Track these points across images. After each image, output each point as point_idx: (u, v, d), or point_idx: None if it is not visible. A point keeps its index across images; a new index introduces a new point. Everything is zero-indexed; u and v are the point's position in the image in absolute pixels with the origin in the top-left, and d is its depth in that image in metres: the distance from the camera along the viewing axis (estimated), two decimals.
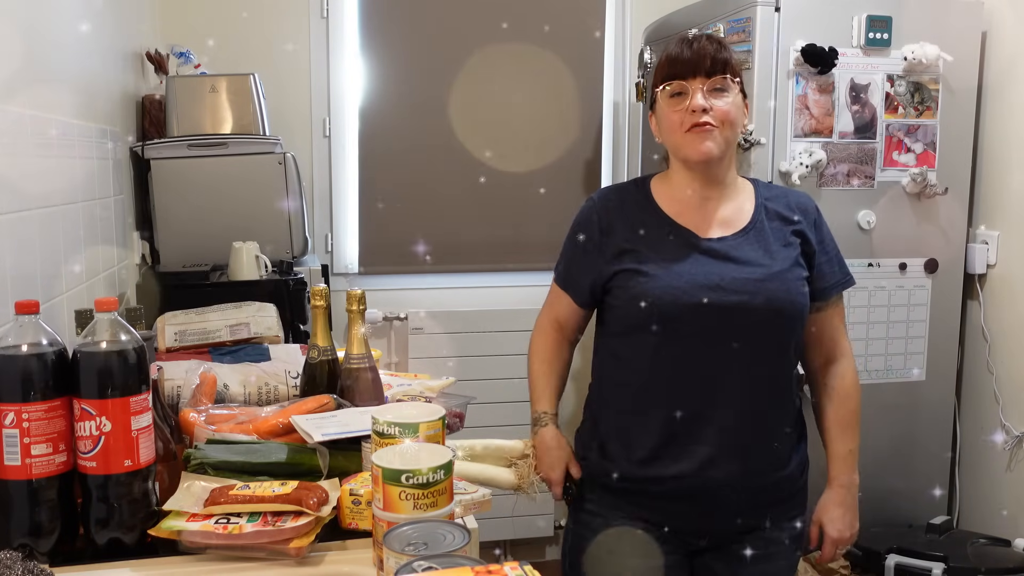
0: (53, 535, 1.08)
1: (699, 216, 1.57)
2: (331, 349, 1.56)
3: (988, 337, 2.79)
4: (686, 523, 1.57)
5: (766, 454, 1.56)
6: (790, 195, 1.63)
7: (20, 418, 1.05)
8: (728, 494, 1.54)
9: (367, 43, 3.24)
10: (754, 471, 1.55)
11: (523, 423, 3.26)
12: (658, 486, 1.55)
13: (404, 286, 3.34)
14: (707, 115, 1.49)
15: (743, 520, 1.58)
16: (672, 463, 1.53)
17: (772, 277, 1.52)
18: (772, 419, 1.58)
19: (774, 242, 1.55)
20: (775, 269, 1.53)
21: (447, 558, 0.85)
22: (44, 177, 1.60)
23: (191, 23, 3.04)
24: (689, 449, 1.53)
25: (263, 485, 1.15)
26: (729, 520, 1.57)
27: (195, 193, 2.39)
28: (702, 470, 1.52)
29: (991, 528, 2.73)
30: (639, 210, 1.60)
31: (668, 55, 1.54)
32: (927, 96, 2.67)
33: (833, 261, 1.63)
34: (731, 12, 2.65)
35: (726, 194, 1.58)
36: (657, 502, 1.56)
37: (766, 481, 1.57)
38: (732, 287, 1.50)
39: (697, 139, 1.50)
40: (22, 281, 1.44)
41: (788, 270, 1.54)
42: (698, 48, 1.51)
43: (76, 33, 1.90)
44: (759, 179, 1.66)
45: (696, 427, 1.52)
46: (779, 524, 1.61)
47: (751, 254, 1.54)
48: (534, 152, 3.38)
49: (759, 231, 1.56)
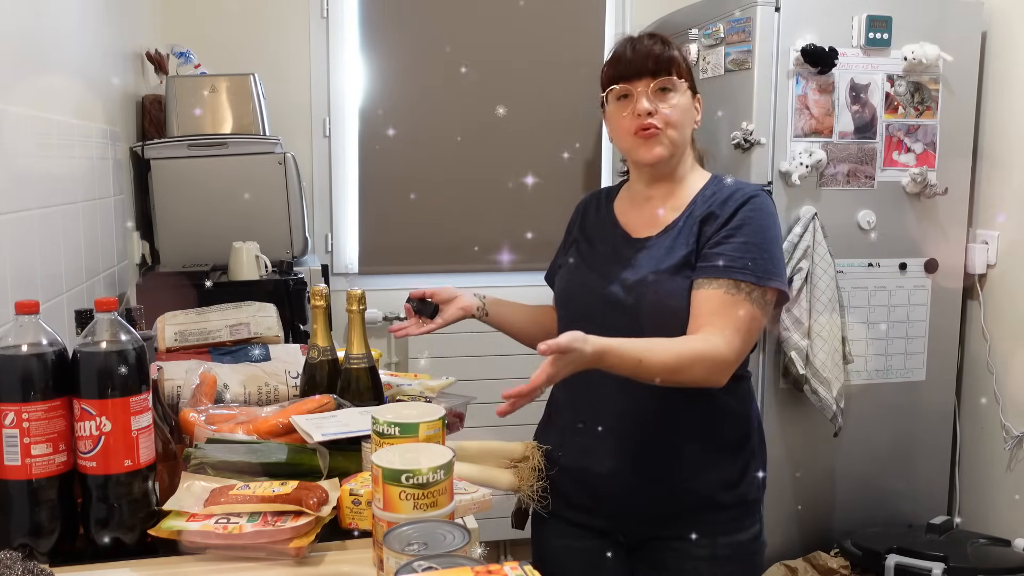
0: (53, 535, 1.08)
1: (638, 215, 1.59)
2: (331, 349, 1.56)
3: (988, 337, 2.79)
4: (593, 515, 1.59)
5: (659, 461, 1.50)
6: (735, 188, 1.51)
7: (20, 418, 1.05)
8: (624, 494, 1.53)
9: (367, 43, 3.24)
10: (648, 476, 1.51)
11: (523, 423, 3.26)
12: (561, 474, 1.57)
13: (404, 286, 3.33)
14: (652, 118, 1.47)
15: (650, 526, 1.54)
16: (568, 453, 1.57)
17: (652, 280, 1.47)
18: (665, 424, 1.50)
19: (679, 240, 1.49)
20: (657, 270, 1.47)
21: (447, 558, 0.84)
22: (44, 177, 1.60)
23: (191, 23, 3.04)
24: (577, 442, 1.56)
25: (263, 485, 1.15)
26: (635, 522, 1.56)
27: (195, 193, 2.38)
28: (589, 465, 1.55)
29: (991, 528, 2.73)
30: (597, 212, 1.66)
31: (613, 56, 1.52)
32: (927, 96, 2.68)
33: (729, 248, 1.44)
34: (731, 12, 2.65)
35: (671, 192, 1.55)
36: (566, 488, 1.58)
37: (669, 489, 1.51)
38: (617, 287, 1.51)
39: (646, 145, 1.49)
40: (22, 281, 1.44)
41: (671, 273, 1.47)
42: (641, 49, 1.48)
43: (76, 33, 1.90)
44: (723, 176, 1.58)
45: (589, 424, 1.55)
46: (709, 539, 1.52)
47: (652, 255, 1.51)
48: (534, 152, 3.38)
49: (674, 232, 1.51)
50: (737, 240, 1.44)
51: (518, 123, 3.36)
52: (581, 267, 1.62)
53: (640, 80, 1.48)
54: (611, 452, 1.53)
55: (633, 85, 1.48)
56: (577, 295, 1.60)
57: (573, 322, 1.51)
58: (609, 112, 1.54)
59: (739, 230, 1.45)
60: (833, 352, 2.57)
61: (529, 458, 1.61)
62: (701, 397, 1.48)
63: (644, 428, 1.51)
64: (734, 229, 1.45)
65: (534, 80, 3.35)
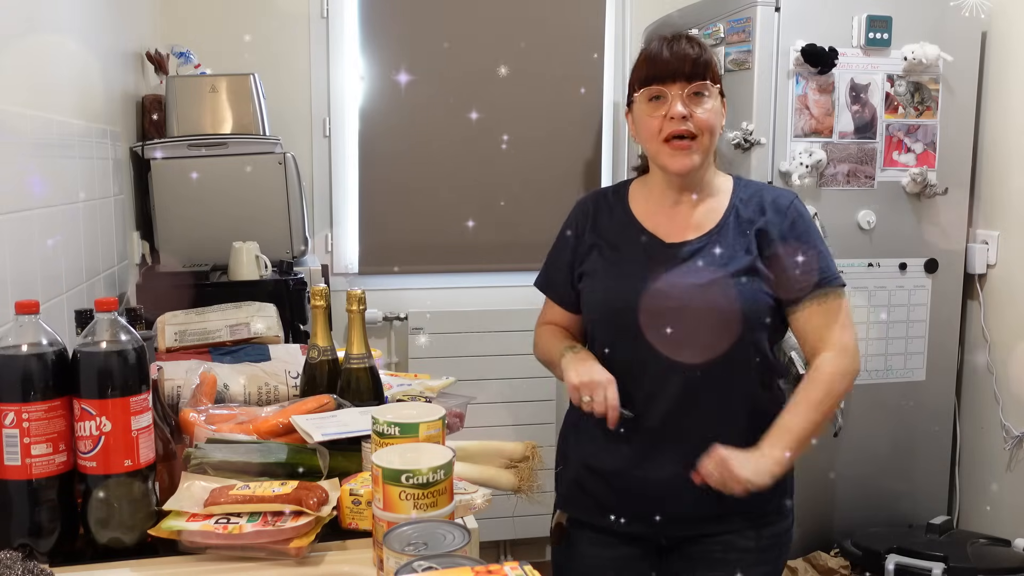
0: (53, 535, 1.08)
1: (669, 220, 1.55)
2: (331, 349, 1.56)
3: (988, 337, 2.79)
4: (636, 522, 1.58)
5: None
6: (767, 193, 1.56)
7: (20, 418, 1.05)
8: (678, 497, 1.53)
9: (367, 43, 3.24)
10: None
11: (523, 423, 3.24)
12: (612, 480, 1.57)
13: (404, 286, 3.34)
14: (687, 123, 1.45)
15: (699, 525, 1.56)
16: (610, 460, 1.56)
17: (716, 282, 1.48)
18: (721, 424, 1.51)
19: (736, 245, 1.51)
20: (721, 274, 1.49)
21: (447, 558, 0.85)
22: (44, 177, 1.60)
23: (191, 23, 3.04)
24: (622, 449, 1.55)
25: (263, 485, 1.15)
26: (684, 523, 1.56)
27: (195, 193, 2.38)
28: (641, 471, 1.53)
29: (991, 528, 2.73)
30: (611, 214, 1.60)
31: (648, 55, 1.49)
32: (927, 96, 2.68)
33: (810, 262, 1.51)
34: (731, 12, 2.65)
35: (702, 197, 1.55)
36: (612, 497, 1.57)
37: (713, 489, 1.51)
38: (673, 292, 1.48)
39: (677, 155, 1.47)
40: (22, 281, 1.44)
41: (737, 274, 1.49)
42: (679, 51, 1.45)
43: (76, 33, 1.90)
44: (742, 177, 1.61)
45: (639, 431, 1.53)
46: (755, 531, 1.56)
47: (707, 258, 1.51)
48: (534, 152, 3.38)
49: (723, 235, 1.52)
50: (811, 251, 1.52)
51: (518, 123, 3.36)
52: (613, 274, 1.55)
53: (675, 83, 1.45)
54: (667, 457, 1.52)
55: (668, 87, 1.45)
56: (618, 304, 1.52)
57: (615, 332, 1.52)
58: (638, 112, 1.51)
59: (806, 240, 1.52)
60: None
61: (529, 458, 1.61)
62: (750, 396, 1.53)
63: (701, 430, 1.50)
64: (800, 241, 1.52)
65: (534, 80, 3.35)
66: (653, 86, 1.47)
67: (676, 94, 1.45)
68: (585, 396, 1.48)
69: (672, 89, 1.46)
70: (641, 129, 1.52)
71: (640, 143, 1.55)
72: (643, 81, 1.49)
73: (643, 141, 1.53)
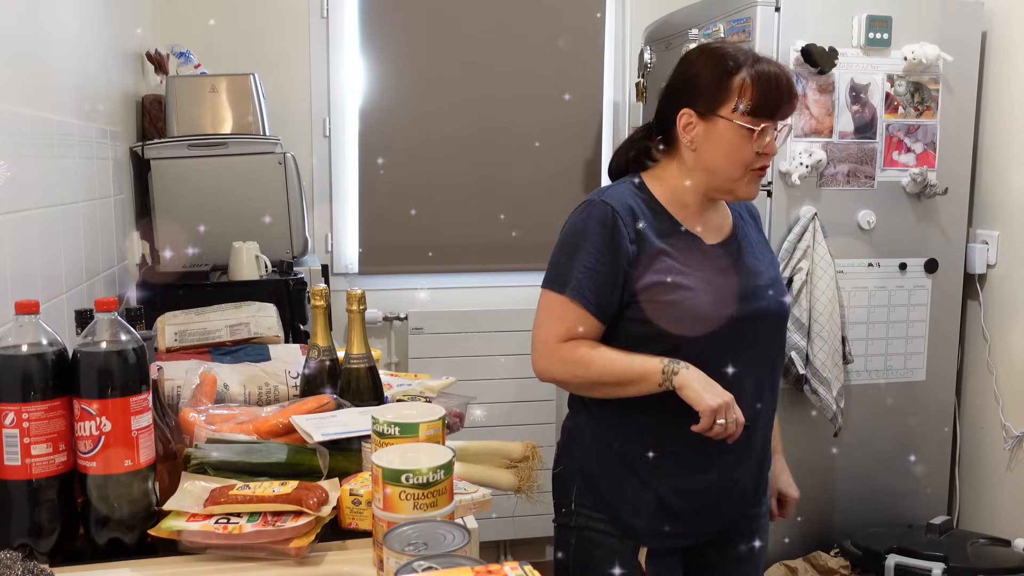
0: (53, 535, 1.08)
1: (699, 222, 1.56)
2: (331, 349, 1.56)
3: (988, 337, 2.79)
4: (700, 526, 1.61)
5: (751, 470, 1.60)
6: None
7: (20, 418, 1.05)
8: (740, 493, 1.60)
9: (367, 43, 3.24)
10: (763, 465, 1.63)
11: (523, 423, 3.24)
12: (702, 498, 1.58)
13: (404, 286, 3.34)
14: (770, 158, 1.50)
15: (742, 512, 1.64)
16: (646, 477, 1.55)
17: (774, 281, 1.57)
18: (771, 416, 1.63)
19: (756, 246, 1.60)
20: (773, 274, 1.59)
21: (447, 558, 0.85)
22: (44, 177, 1.60)
23: (191, 23, 3.04)
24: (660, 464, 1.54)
25: (263, 485, 1.15)
26: (733, 515, 1.63)
27: (195, 193, 2.38)
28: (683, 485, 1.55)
29: (991, 528, 2.73)
30: (655, 217, 1.52)
31: (769, 89, 1.45)
32: (927, 96, 2.68)
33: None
34: (731, 12, 2.65)
35: (715, 202, 1.60)
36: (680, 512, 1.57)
37: (755, 494, 1.64)
38: (755, 295, 1.52)
39: (755, 185, 1.51)
40: (22, 281, 1.44)
41: (779, 272, 1.62)
42: (792, 92, 1.47)
43: (76, 33, 1.90)
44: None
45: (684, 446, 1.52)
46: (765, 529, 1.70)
47: (750, 260, 1.56)
48: (534, 152, 3.38)
49: (743, 236, 1.59)
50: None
51: (518, 123, 3.36)
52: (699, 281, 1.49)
53: (777, 120, 1.48)
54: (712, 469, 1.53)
55: (774, 124, 1.48)
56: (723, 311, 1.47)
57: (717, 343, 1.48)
58: (730, 133, 1.46)
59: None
60: (833, 352, 2.57)
61: (529, 458, 1.61)
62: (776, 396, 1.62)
63: (766, 430, 1.59)
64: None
65: (534, 79, 3.35)
66: (765, 120, 1.46)
67: (776, 131, 1.48)
68: (720, 419, 1.42)
69: (776, 125, 1.48)
70: (726, 151, 1.47)
71: (710, 160, 1.49)
72: (756, 111, 1.45)
73: (720, 161, 1.48)
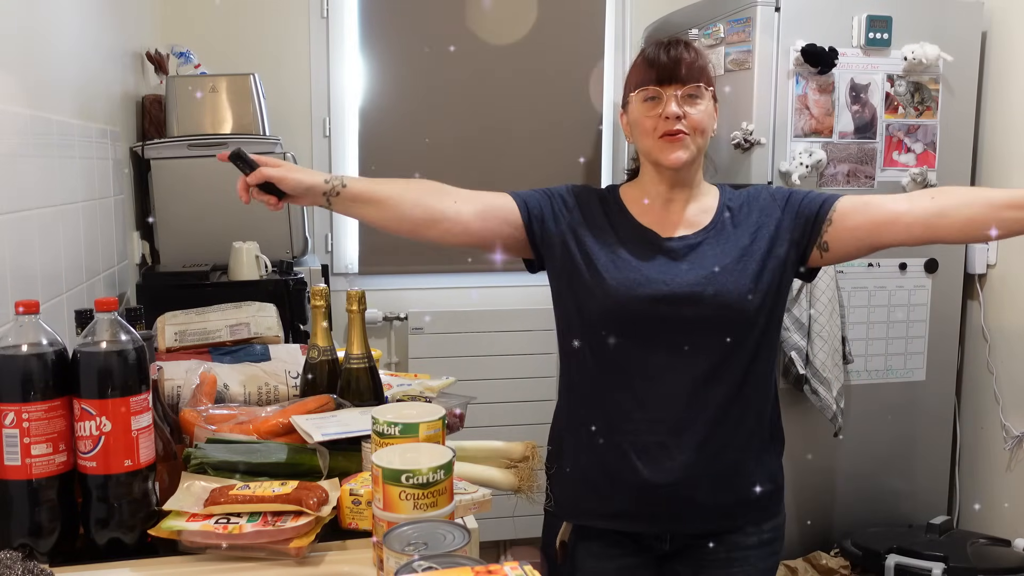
0: (53, 535, 1.08)
1: (662, 217, 1.58)
2: (331, 349, 1.56)
3: (988, 337, 2.79)
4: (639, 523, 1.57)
5: (727, 461, 1.54)
6: (752, 192, 1.62)
7: (20, 418, 1.05)
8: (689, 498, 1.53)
9: (367, 43, 3.24)
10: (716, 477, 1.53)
11: (523, 423, 3.24)
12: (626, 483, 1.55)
13: (404, 286, 3.34)
14: (680, 123, 1.50)
15: (706, 524, 1.56)
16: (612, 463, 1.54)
17: (723, 271, 1.52)
18: (726, 425, 1.53)
19: (734, 240, 1.56)
20: (725, 263, 1.52)
21: (447, 558, 0.85)
22: (44, 177, 1.60)
23: (191, 23, 3.04)
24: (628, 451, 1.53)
25: (263, 485, 1.15)
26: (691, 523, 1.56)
27: (195, 193, 2.38)
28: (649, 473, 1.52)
29: (991, 528, 2.73)
30: (606, 209, 1.63)
31: (645, 59, 1.55)
32: (927, 96, 2.68)
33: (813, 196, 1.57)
34: (731, 12, 2.65)
35: (691, 196, 1.59)
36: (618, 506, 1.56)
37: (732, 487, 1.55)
38: (683, 283, 1.51)
39: (669, 147, 1.52)
40: (22, 281, 1.44)
41: (742, 265, 1.52)
42: (675, 55, 1.52)
43: (76, 33, 1.90)
44: (726, 185, 1.66)
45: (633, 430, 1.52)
46: (746, 530, 1.58)
47: (707, 251, 1.54)
48: (534, 152, 3.38)
49: (719, 230, 1.57)
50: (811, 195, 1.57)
51: (518, 123, 3.36)
52: (619, 266, 1.54)
53: (671, 85, 1.51)
54: (678, 457, 1.51)
55: (664, 89, 1.51)
56: (630, 294, 1.51)
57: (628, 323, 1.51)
58: (634, 112, 1.56)
59: (804, 195, 1.57)
60: (833, 352, 2.57)
61: (529, 458, 1.61)
62: (756, 396, 1.55)
63: (711, 430, 1.51)
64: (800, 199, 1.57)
65: (534, 80, 3.35)
66: (649, 87, 1.52)
67: (671, 95, 1.50)
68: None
69: (668, 91, 1.51)
70: (636, 128, 1.56)
71: (634, 142, 1.59)
72: (640, 83, 1.54)
73: (637, 139, 1.57)
